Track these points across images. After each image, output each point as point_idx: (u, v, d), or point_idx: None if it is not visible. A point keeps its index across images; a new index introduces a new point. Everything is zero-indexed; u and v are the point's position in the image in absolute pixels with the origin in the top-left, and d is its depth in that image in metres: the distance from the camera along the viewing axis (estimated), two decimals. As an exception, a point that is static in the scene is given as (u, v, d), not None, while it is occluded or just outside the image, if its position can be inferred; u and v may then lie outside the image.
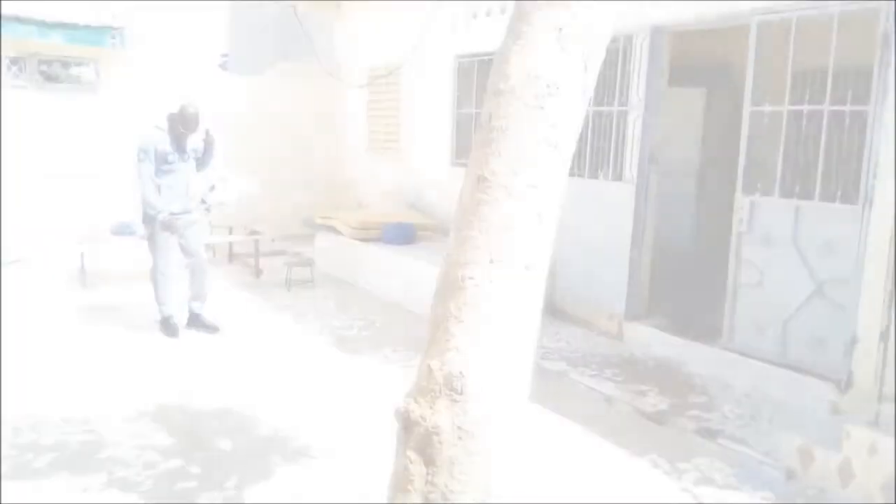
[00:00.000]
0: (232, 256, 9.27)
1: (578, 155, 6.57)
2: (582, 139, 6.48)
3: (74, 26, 8.64)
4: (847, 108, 4.61)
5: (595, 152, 6.50)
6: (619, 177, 6.26)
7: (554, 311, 6.96)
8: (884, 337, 3.52)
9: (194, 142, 6.14)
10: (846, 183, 4.71)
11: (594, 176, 6.50)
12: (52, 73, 9.71)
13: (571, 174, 6.90)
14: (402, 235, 7.92)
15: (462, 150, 8.35)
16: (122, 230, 8.05)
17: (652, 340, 5.98)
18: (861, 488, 3.54)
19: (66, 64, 9.72)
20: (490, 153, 2.11)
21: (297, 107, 10.73)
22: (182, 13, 9.65)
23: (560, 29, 2.07)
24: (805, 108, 4.84)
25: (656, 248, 6.48)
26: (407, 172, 9.51)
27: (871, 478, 3.50)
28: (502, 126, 2.10)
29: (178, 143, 5.98)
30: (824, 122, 4.73)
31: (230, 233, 8.90)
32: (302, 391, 4.98)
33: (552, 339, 6.21)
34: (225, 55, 11.84)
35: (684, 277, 7.46)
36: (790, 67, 4.91)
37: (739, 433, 4.38)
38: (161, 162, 5.89)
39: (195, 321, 6.23)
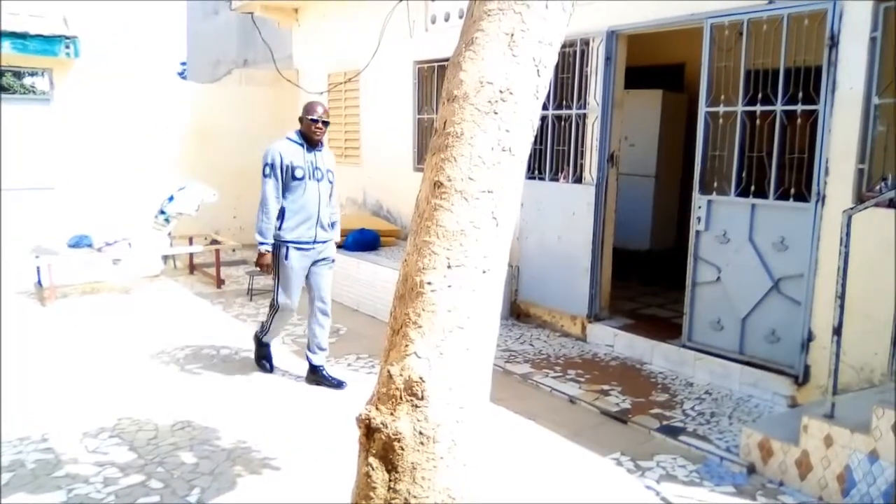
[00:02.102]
0: (193, 267, 9.17)
1: (539, 158, 6.62)
2: (542, 142, 6.53)
3: (25, 35, 8.46)
4: (798, 107, 4.71)
5: (555, 155, 6.55)
6: (579, 179, 6.32)
7: (517, 313, 7.01)
8: (836, 331, 3.60)
9: (330, 161, 5.22)
10: (799, 181, 4.82)
11: (555, 178, 6.55)
12: (4, 82, 9.52)
13: (533, 177, 6.98)
14: (365, 242, 7.90)
15: (424, 156, 8.35)
16: (79, 243, 7.91)
17: (614, 340, 6.05)
18: (818, 480, 3.62)
19: (19, 74, 9.54)
20: (445, 159, 2.12)
21: (256, 114, 10.64)
22: (140, 22, 9.54)
23: (511, 34, 2.09)
24: (758, 108, 4.94)
25: (617, 248, 6.56)
26: (369, 179, 9.48)
27: (827, 469, 3.58)
28: (456, 132, 2.11)
29: (311, 158, 5.07)
30: (777, 121, 4.84)
31: (190, 243, 8.80)
32: (265, 401, 4.93)
33: (516, 342, 6.25)
34: (183, 63, 11.73)
35: (645, 277, 7.56)
36: (743, 68, 5.02)
37: (701, 430, 4.45)
38: (289, 178, 4.96)
39: (318, 374, 5.26)
